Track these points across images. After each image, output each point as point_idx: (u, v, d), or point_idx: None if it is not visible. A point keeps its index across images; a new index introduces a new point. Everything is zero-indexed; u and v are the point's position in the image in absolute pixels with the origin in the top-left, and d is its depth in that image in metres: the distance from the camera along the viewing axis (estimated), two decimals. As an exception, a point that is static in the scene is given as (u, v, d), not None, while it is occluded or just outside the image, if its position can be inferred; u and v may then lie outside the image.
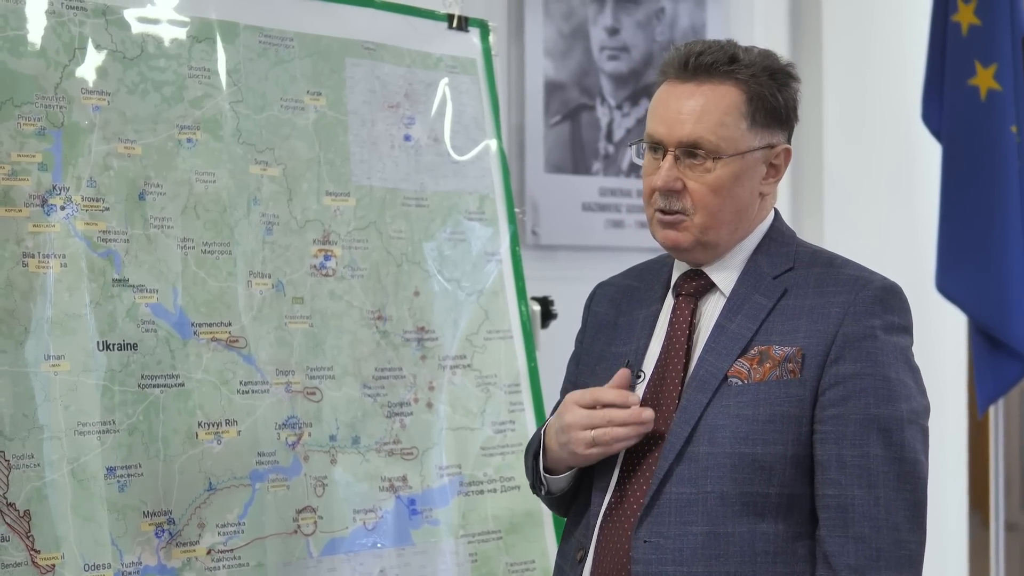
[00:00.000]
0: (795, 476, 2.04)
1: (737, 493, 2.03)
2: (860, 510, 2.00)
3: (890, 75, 4.58)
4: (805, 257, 2.16)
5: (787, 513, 2.04)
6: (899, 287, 2.12)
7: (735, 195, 2.11)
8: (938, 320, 4.60)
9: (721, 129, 2.08)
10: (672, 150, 2.10)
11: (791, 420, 2.04)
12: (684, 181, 2.10)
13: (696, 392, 2.07)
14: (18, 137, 2.32)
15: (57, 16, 2.40)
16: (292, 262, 2.62)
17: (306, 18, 2.71)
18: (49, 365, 2.31)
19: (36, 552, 2.25)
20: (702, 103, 2.09)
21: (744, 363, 2.07)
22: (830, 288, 2.09)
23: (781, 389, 2.04)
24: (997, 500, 4.48)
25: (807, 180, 4.43)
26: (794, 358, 2.05)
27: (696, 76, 2.10)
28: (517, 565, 2.83)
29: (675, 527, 2.03)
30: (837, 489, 2.02)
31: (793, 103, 2.16)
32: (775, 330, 2.08)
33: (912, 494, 2.03)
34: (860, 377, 2.03)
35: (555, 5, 3.87)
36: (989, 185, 4.20)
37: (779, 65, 2.14)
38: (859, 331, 2.05)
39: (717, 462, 2.04)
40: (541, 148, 3.85)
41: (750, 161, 2.11)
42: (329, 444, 2.63)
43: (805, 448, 2.04)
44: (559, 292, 3.28)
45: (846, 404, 2.03)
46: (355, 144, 2.75)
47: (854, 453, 2.02)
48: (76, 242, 2.36)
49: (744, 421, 2.04)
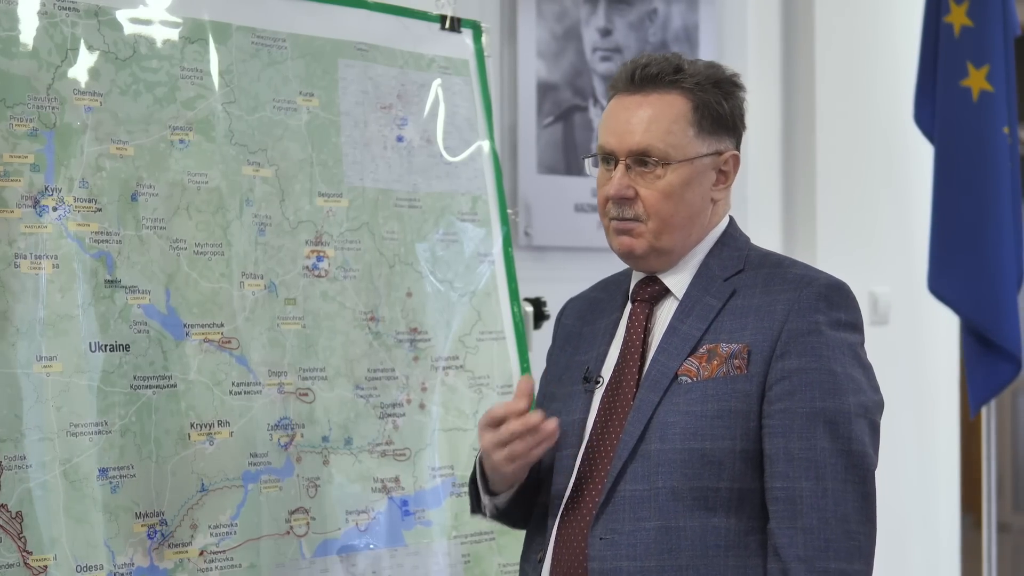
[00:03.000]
0: (745, 470, 2.07)
1: (688, 488, 2.06)
2: (808, 501, 2.03)
3: (882, 76, 4.59)
4: (755, 260, 2.20)
5: (738, 507, 2.07)
6: (845, 285, 2.15)
7: (686, 200, 2.16)
8: (930, 321, 4.61)
9: (669, 136, 2.15)
10: (623, 159, 2.16)
11: (739, 415, 2.08)
12: (636, 189, 2.16)
13: (648, 392, 2.12)
14: (10, 138, 2.32)
15: (49, 17, 2.39)
16: (285, 263, 2.62)
17: (299, 19, 2.71)
18: (41, 366, 2.30)
19: (28, 553, 2.25)
20: (650, 113, 2.16)
21: (694, 361, 2.11)
22: (776, 287, 2.13)
23: (728, 385, 2.09)
24: (989, 501, 4.49)
25: (800, 181, 4.43)
26: (740, 354, 2.09)
27: (643, 87, 2.17)
28: (510, 566, 2.83)
29: (629, 523, 2.07)
30: (785, 482, 2.05)
31: (739, 111, 2.21)
32: (724, 328, 2.12)
33: (860, 486, 2.05)
34: (806, 371, 2.07)
35: (548, 6, 3.88)
36: (981, 186, 4.21)
37: (724, 75, 2.20)
38: (803, 326, 2.08)
39: (668, 458, 2.08)
40: (534, 149, 3.85)
41: (699, 167, 2.17)
42: (322, 445, 2.63)
43: (754, 443, 2.08)
44: (552, 293, 3.28)
45: (792, 398, 2.06)
46: (348, 145, 2.75)
47: (801, 446, 2.05)
48: (68, 243, 2.36)
49: (693, 417, 2.08)
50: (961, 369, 4.69)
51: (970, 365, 4.30)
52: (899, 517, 4.47)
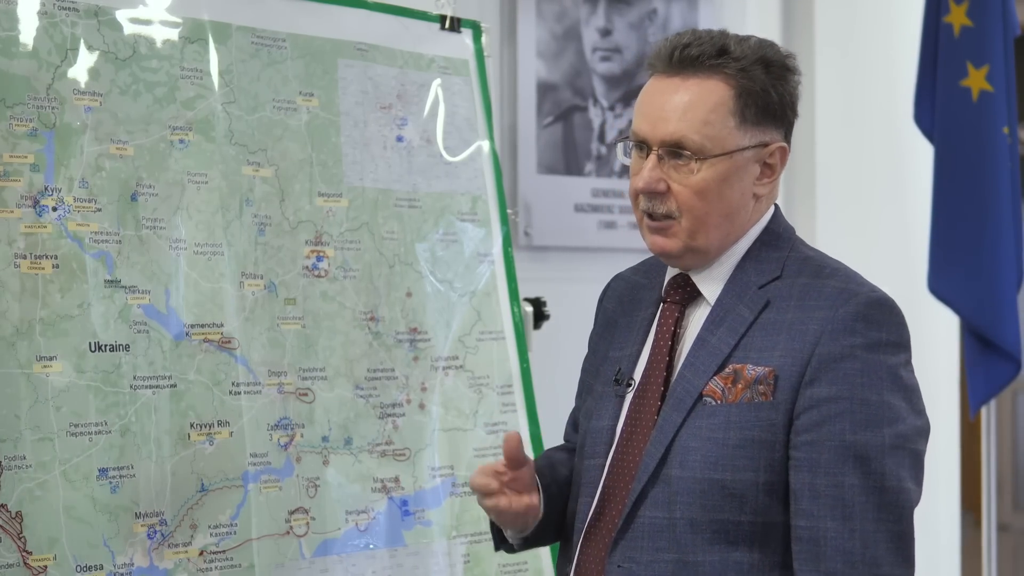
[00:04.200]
0: (769, 504, 1.93)
1: (707, 520, 1.93)
2: (833, 543, 1.88)
3: (882, 76, 4.59)
4: (794, 265, 2.03)
5: (763, 542, 1.94)
6: (889, 299, 1.97)
7: (723, 198, 1.99)
8: (930, 321, 4.61)
9: (706, 127, 1.97)
10: (656, 149, 1.99)
11: (762, 445, 1.93)
12: (668, 183, 1.99)
13: (672, 411, 1.99)
14: (10, 138, 2.32)
15: (49, 17, 2.39)
16: (284, 263, 2.62)
17: (298, 19, 2.71)
18: (41, 366, 2.30)
19: (28, 553, 2.25)
20: (687, 99, 1.98)
21: (719, 382, 1.96)
22: (811, 302, 1.96)
23: (752, 412, 1.94)
24: (989, 501, 4.49)
25: (799, 181, 4.43)
26: (766, 379, 1.94)
27: (682, 70, 2.00)
28: (510, 566, 2.83)
29: (647, 553, 1.96)
30: (809, 520, 1.90)
31: (791, 98, 2.05)
32: (753, 346, 1.97)
33: (895, 525, 1.89)
34: (836, 401, 1.91)
35: (547, 6, 3.88)
36: (981, 186, 4.21)
37: (776, 56, 2.03)
38: (836, 351, 1.92)
39: (687, 487, 1.95)
40: (533, 149, 3.85)
41: (739, 161, 1.99)
42: (321, 445, 2.63)
43: (779, 475, 1.93)
44: (552, 293, 3.28)
45: (820, 430, 1.91)
46: (347, 145, 2.75)
47: (827, 482, 1.90)
48: (68, 243, 2.36)
49: (715, 445, 1.94)
50: (961, 369, 4.69)
51: (970, 365, 4.30)
52: (899, 517, 4.46)
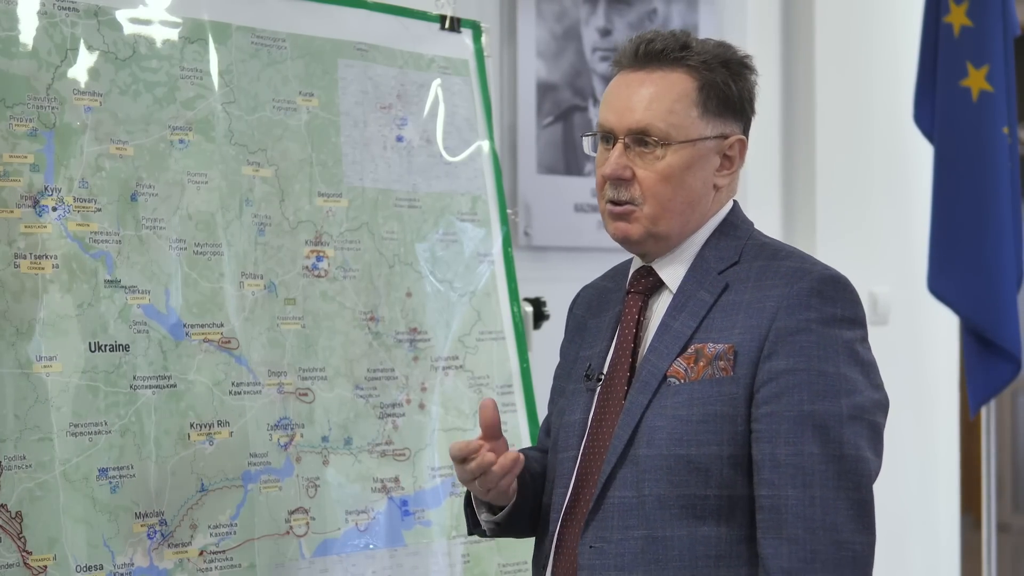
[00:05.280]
0: (734, 477, 1.99)
1: (675, 496, 1.99)
2: (794, 511, 1.93)
3: (882, 76, 4.59)
4: (751, 250, 2.10)
5: (729, 515, 1.99)
6: (843, 277, 2.04)
7: (686, 184, 2.07)
8: (930, 321, 4.62)
9: (671, 116, 2.05)
10: (622, 138, 2.07)
11: (725, 419, 1.99)
12: (634, 169, 2.06)
13: (638, 394, 2.04)
14: (10, 138, 2.32)
15: (49, 17, 2.39)
16: (284, 263, 2.62)
17: (298, 19, 2.71)
18: (41, 366, 2.30)
19: (28, 553, 2.25)
20: (652, 90, 2.06)
21: (682, 362, 2.02)
22: (768, 281, 2.03)
23: (714, 388, 2.00)
24: (989, 501, 4.49)
25: (800, 181, 4.43)
26: (725, 355, 2.00)
27: (647, 64, 2.08)
28: (509, 566, 2.83)
29: (617, 532, 2.01)
30: (771, 489, 1.95)
31: (749, 94, 2.12)
32: (714, 327, 2.03)
33: (855, 492, 1.95)
34: (793, 372, 1.96)
35: (547, 6, 3.88)
36: (981, 186, 4.21)
37: (734, 55, 2.11)
38: (793, 325, 1.98)
39: (654, 464, 2.00)
40: (533, 149, 3.85)
41: (701, 150, 2.07)
42: (321, 445, 2.63)
43: (742, 448, 1.99)
44: (551, 293, 3.28)
45: (779, 401, 1.96)
46: (347, 145, 2.75)
47: (788, 452, 1.95)
48: (68, 243, 2.36)
49: (679, 422, 2.00)
50: (961, 369, 4.69)
51: (970, 365, 4.30)
52: (899, 517, 4.47)
